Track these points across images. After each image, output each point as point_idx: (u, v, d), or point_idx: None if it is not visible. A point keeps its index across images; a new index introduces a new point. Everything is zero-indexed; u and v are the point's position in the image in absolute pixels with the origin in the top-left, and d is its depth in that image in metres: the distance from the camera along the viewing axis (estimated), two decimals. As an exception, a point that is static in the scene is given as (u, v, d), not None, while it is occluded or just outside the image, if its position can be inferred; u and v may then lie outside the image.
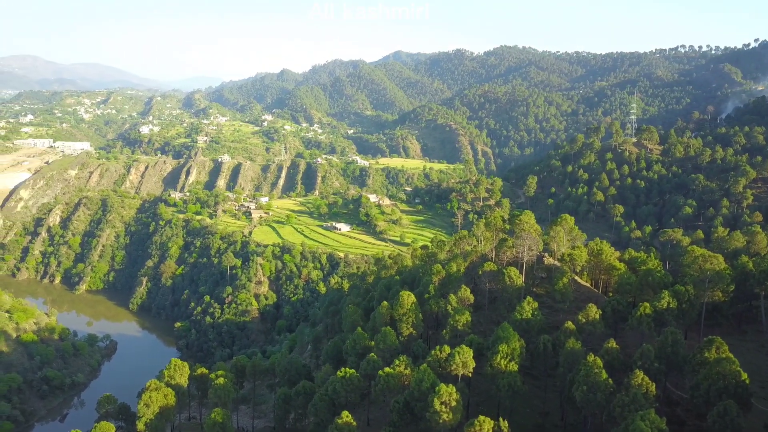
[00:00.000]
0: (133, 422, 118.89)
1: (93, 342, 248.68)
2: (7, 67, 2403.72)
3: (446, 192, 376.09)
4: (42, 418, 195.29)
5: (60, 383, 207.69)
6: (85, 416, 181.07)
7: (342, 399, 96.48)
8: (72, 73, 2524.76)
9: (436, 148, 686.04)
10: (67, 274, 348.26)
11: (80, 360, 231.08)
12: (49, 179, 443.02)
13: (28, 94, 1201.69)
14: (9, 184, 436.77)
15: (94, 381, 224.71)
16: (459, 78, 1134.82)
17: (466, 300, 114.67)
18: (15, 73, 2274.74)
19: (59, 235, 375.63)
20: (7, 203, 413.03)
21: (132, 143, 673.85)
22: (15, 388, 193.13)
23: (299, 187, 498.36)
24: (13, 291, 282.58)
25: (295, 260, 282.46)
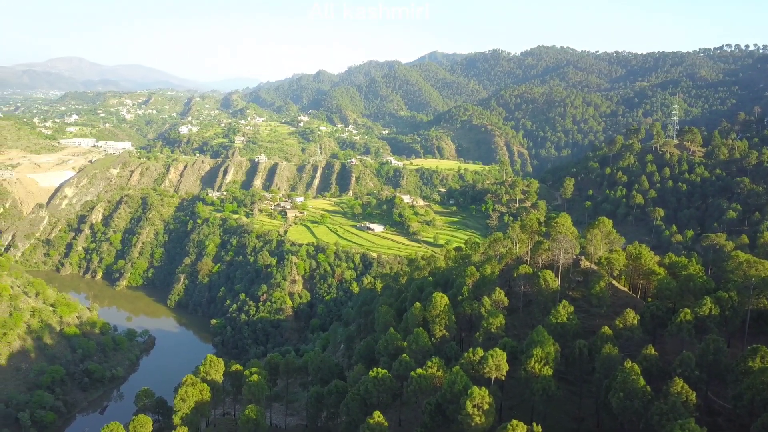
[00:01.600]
0: (169, 416, 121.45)
1: (132, 337, 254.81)
2: (55, 69, 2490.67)
3: (481, 193, 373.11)
4: (83, 409, 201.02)
5: (100, 376, 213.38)
6: (124, 409, 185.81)
7: (374, 399, 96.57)
8: (115, 74, 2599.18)
9: (471, 149, 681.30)
10: (108, 270, 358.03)
11: (120, 354, 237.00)
12: (92, 178, 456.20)
13: (73, 95, 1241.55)
14: (55, 182, 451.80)
15: (133, 375, 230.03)
16: (495, 78, 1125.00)
17: (500, 303, 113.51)
18: (62, 74, 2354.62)
19: (101, 232, 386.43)
20: (53, 200, 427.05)
21: (171, 143, 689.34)
22: (58, 379, 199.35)
23: (334, 187, 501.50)
24: (58, 285, 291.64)
25: (328, 260, 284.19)
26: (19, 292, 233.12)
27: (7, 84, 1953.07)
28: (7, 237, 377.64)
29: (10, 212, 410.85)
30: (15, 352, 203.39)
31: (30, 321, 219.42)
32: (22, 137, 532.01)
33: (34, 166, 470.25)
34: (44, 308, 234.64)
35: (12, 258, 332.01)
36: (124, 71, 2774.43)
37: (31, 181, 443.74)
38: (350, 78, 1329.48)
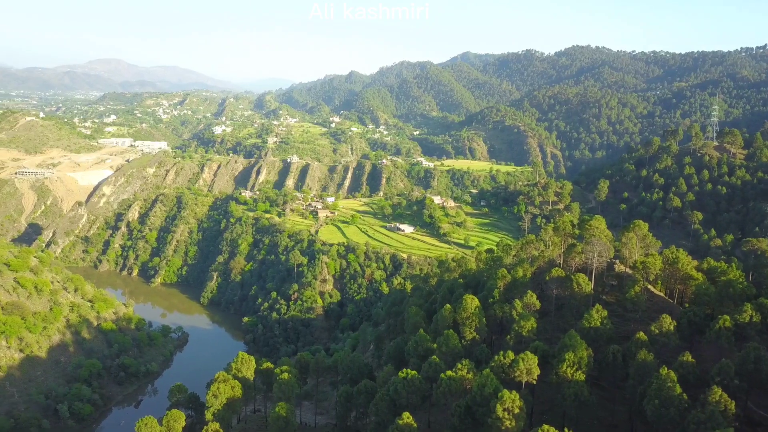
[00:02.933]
0: (201, 412, 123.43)
1: (166, 333, 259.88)
2: (94, 71, 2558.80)
3: (513, 195, 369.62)
4: (119, 402, 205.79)
5: (135, 371, 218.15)
6: (157, 403, 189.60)
7: (403, 400, 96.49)
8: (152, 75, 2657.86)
9: (504, 150, 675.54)
10: (144, 267, 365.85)
11: (154, 350, 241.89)
12: (129, 177, 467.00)
13: (111, 96, 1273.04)
14: (93, 180, 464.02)
15: (167, 370, 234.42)
16: (528, 79, 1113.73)
17: (532, 306, 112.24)
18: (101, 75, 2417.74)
19: (137, 230, 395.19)
20: (92, 199, 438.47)
21: (206, 143, 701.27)
22: (95, 373, 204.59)
23: (364, 187, 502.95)
24: (95, 281, 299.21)
25: (359, 260, 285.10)
26: (59, 288, 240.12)
27: (49, 85, 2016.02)
28: (48, 234, 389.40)
29: (51, 210, 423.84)
30: (55, 345, 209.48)
31: (69, 316, 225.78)
32: (63, 137, 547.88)
33: (74, 165, 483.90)
34: (82, 303, 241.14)
35: (52, 254, 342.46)
36: (160, 72, 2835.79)
37: (71, 179, 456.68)
38: (382, 79, 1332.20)
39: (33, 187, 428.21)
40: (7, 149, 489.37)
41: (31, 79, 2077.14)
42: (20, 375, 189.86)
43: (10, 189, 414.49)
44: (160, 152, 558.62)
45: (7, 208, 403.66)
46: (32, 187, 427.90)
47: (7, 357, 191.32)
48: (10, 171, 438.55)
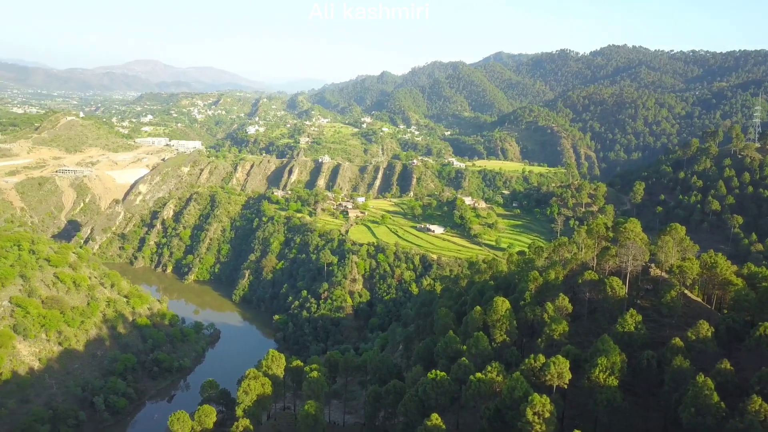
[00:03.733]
0: (232, 407, 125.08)
1: (199, 329, 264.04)
2: (132, 71, 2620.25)
3: (546, 196, 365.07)
4: (152, 397, 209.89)
5: (169, 366, 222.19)
6: (189, 398, 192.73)
7: (432, 401, 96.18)
8: (187, 76, 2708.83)
9: (536, 151, 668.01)
10: (178, 265, 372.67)
11: (187, 346, 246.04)
12: (164, 175, 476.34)
13: (148, 96, 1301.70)
14: (130, 178, 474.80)
15: (199, 366, 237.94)
16: (562, 79, 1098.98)
17: (564, 309, 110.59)
18: (138, 76, 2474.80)
19: (172, 228, 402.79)
20: (128, 197, 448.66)
21: (239, 143, 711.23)
22: (130, 367, 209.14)
23: (395, 188, 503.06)
24: (131, 278, 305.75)
25: (388, 260, 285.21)
26: (96, 283, 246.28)
27: (89, 86, 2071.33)
28: (86, 230, 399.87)
29: (89, 207, 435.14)
30: (91, 339, 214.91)
31: (105, 311, 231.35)
32: (101, 136, 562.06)
33: (112, 163, 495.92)
34: (118, 299, 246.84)
35: (90, 250, 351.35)
36: (195, 73, 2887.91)
37: (108, 177, 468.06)
38: (414, 79, 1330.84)
39: (73, 184, 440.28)
40: (49, 148, 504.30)
41: (72, 80, 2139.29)
42: (59, 367, 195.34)
43: (51, 187, 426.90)
44: (194, 152, 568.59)
45: (48, 205, 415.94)
46: (72, 184, 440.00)
47: (47, 350, 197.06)
48: (52, 169, 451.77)
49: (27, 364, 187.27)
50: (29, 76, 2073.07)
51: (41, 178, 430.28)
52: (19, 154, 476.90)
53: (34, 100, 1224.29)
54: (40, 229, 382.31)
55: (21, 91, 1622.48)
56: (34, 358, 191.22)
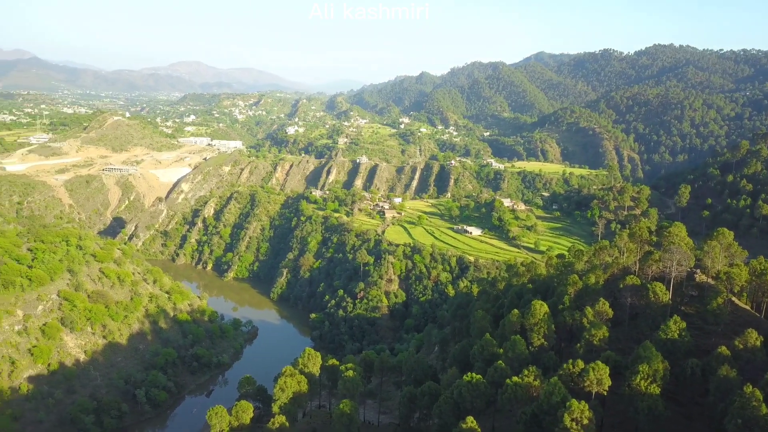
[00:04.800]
0: (268, 404, 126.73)
1: (237, 326, 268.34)
2: (176, 72, 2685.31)
3: (587, 199, 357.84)
4: (191, 391, 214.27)
5: (208, 361, 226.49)
6: (227, 394, 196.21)
7: (467, 404, 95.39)
8: (229, 77, 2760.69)
9: (578, 153, 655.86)
10: (218, 262, 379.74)
11: (225, 342, 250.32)
12: (206, 174, 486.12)
13: (191, 97, 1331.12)
14: (173, 177, 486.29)
15: (237, 362, 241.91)
16: (605, 79, 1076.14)
17: (604, 314, 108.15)
18: (182, 77, 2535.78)
19: (212, 226, 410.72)
20: (171, 195, 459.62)
21: (279, 143, 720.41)
22: (170, 361, 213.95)
23: (432, 188, 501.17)
24: (173, 274, 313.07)
25: (424, 261, 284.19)
26: (140, 279, 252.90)
27: (135, 86, 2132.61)
28: (130, 227, 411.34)
29: (134, 205, 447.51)
30: (134, 333, 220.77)
31: (148, 306, 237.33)
32: (146, 136, 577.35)
33: (156, 162, 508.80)
34: (160, 295, 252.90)
35: (134, 247, 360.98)
36: (237, 74, 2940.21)
37: (152, 176, 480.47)
38: (453, 79, 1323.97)
39: (118, 183, 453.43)
40: (96, 147, 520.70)
41: (119, 81, 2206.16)
42: (103, 360, 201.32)
43: (98, 184, 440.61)
44: (235, 151, 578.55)
45: (95, 203, 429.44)
46: (117, 182, 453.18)
47: (92, 342, 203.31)
48: (99, 167, 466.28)
49: (73, 356, 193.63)
50: (79, 78, 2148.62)
51: (89, 176, 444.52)
52: (69, 152, 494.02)
53: (83, 101, 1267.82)
54: (87, 226, 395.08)
55: (71, 91, 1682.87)
56: (80, 351, 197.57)
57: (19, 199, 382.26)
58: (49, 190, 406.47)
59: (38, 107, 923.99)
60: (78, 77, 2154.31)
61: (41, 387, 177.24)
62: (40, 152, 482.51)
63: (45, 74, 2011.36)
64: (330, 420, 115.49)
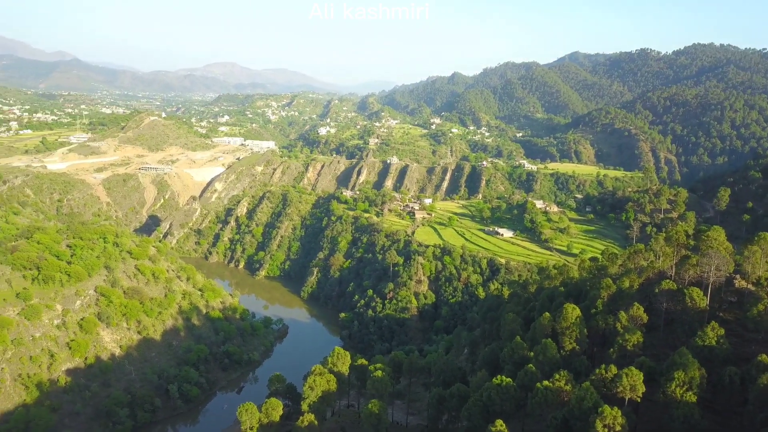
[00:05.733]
0: (298, 402, 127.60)
1: (268, 324, 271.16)
2: (211, 73, 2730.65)
3: (621, 201, 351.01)
4: (222, 387, 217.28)
5: (238, 358, 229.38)
6: (257, 391, 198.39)
7: (496, 407, 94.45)
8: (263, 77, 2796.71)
9: (612, 154, 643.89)
10: (250, 261, 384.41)
11: (256, 339, 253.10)
12: (239, 174, 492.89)
13: (225, 97, 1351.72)
14: (207, 176, 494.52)
15: (267, 360, 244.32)
16: (642, 80, 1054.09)
17: (639, 319, 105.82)
18: (217, 78, 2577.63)
19: (245, 225, 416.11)
20: (205, 194, 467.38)
21: (311, 143, 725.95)
22: (203, 358, 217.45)
23: (463, 189, 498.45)
24: (205, 272, 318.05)
25: (455, 262, 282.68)
26: (174, 276, 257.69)
27: (171, 87, 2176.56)
28: (165, 225, 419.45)
29: (168, 203, 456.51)
30: (168, 329, 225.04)
31: (181, 303, 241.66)
32: (181, 135, 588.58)
33: (190, 162, 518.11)
34: (193, 292, 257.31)
35: (168, 244, 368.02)
36: (270, 75, 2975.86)
37: (187, 175, 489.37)
38: (485, 80, 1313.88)
39: (154, 181, 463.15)
40: (133, 146, 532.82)
41: (155, 82, 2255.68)
42: (137, 355, 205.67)
43: (135, 183, 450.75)
44: (268, 151, 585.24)
45: (131, 201, 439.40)
46: (153, 181, 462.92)
47: (127, 338, 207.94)
48: (135, 166, 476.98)
49: (109, 350, 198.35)
50: (117, 79, 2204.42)
51: (126, 174, 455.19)
52: (107, 152, 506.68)
53: (121, 101, 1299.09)
54: (124, 223, 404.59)
55: (110, 92, 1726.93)
56: (116, 345, 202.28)
57: (59, 197, 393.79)
58: (88, 188, 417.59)
59: (78, 107, 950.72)
60: (116, 78, 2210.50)
61: (78, 380, 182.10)
62: (80, 151, 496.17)
63: (85, 75, 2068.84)
64: (358, 419, 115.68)
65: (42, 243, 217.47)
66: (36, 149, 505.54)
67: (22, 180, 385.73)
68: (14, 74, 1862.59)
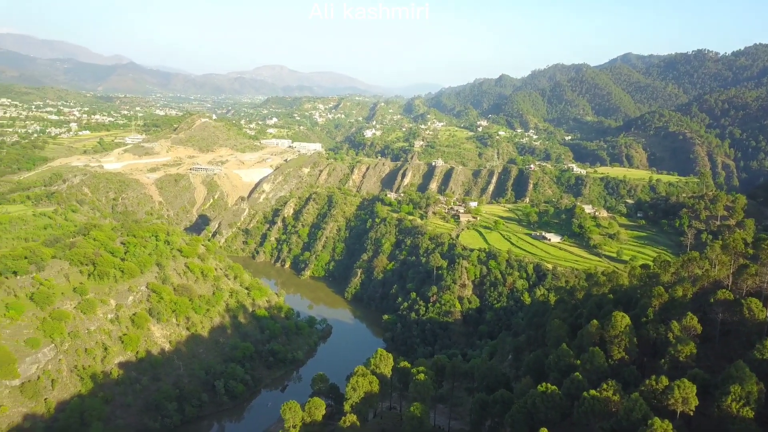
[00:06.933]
0: (340, 402, 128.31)
1: (312, 324, 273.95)
2: (260, 76, 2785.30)
3: (675, 207, 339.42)
4: (267, 385, 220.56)
5: (283, 357, 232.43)
6: (301, 390, 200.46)
7: (541, 415, 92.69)
8: (310, 80, 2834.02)
9: (666, 159, 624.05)
10: (295, 261, 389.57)
11: (300, 339, 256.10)
12: (286, 175, 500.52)
13: (274, 100, 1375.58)
14: (255, 177, 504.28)
15: (311, 359, 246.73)
16: (698, 81, 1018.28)
17: (692, 329, 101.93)
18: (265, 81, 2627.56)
19: (291, 225, 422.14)
20: (253, 194, 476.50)
21: (356, 145, 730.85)
22: (248, 355, 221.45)
23: (509, 193, 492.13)
24: (252, 271, 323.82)
25: (500, 267, 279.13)
26: (221, 274, 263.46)
27: (221, 90, 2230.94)
28: (214, 225, 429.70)
29: (218, 203, 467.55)
30: (215, 326, 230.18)
31: (228, 301, 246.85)
32: (230, 137, 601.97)
33: (239, 163, 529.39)
34: (240, 290, 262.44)
35: (217, 243, 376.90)
36: (318, 78, 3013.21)
37: (236, 176, 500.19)
38: (533, 82, 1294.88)
39: (204, 181, 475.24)
40: (185, 147, 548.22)
41: (207, 85, 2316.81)
42: (186, 351, 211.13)
43: (186, 183, 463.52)
44: (314, 153, 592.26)
45: (182, 200, 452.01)
46: (203, 181, 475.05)
47: (176, 333, 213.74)
48: (186, 167, 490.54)
49: (159, 346, 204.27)
50: (170, 81, 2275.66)
51: (177, 174, 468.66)
52: (160, 152, 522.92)
53: (173, 103, 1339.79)
54: (175, 222, 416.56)
55: (163, 94, 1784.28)
56: (166, 341, 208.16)
57: (114, 196, 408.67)
58: (141, 187, 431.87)
59: (133, 109, 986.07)
60: (170, 81, 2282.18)
61: (130, 373, 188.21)
62: (134, 152, 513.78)
63: (140, 78, 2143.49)
64: (400, 422, 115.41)
65: (98, 240, 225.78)
66: (94, 149, 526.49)
67: (80, 179, 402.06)
68: (75, 77, 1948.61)
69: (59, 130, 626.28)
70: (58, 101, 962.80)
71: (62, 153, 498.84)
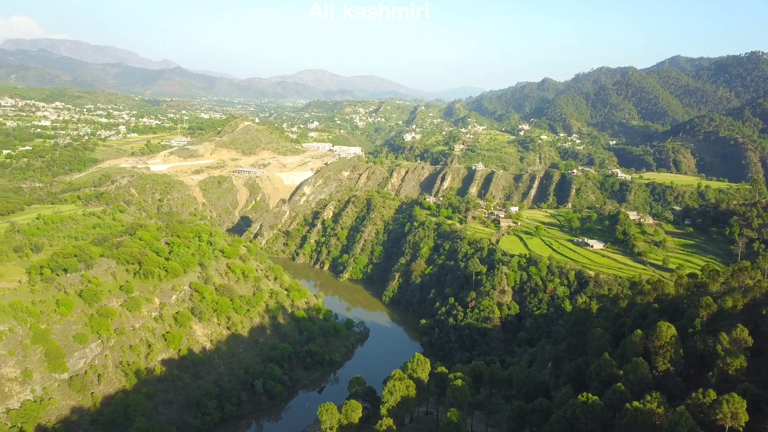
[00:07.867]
0: (377, 405, 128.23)
1: (350, 326, 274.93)
2: (302, 80, 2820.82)
3: (725, 215, 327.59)
4: (304, 386, 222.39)
5: (320, 359, 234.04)
6: (338, 391, 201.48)
7: (581, 425, 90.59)
8: (351, 84, 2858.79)
9: (716, 164, 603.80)
10: (334, 263, 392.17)
11: (338, 341, 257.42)
12: (326, 178, 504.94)
13: (315, 104, 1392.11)
14: (296, 180, 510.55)
15: (348, 361, 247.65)
16: (752, 85, 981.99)
17: (742, 342, 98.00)
18: (307, 85, 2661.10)
19: (331, 228, 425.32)
20: (293, 197, 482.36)
21: (396, 149, 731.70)
22: (286, 356, 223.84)
23: (551, 198, 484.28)
24: (292, 272, 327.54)
25: (541, 273, 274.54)
26: (262, 275, 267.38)
27: (264, 93, 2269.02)
28: (255, 226, 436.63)
29: (259, 205, 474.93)
30: (255, 326, 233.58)
31: (268, 301, 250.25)
32: (273, 140, 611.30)
33: (281, 165, 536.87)
34: (280, 291, 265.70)
35: (258, 245, 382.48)
36: (359, 81, 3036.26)
37: (277, 178, 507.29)
38: (577, 85, 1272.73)
39: (246, 184, 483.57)
40: (228, 150, 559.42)
41: (250, 88, 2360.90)
42: (226, 350, 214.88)
43: (228, 185, 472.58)
44: (354, 157, 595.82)
45: (225, 202, 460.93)
46: (246, 184, 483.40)
47: (217, 333, 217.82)
48: (229, 169, 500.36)
49: (200, 344, 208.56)
50: (215, 85, 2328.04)
51: (220, 177, 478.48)
52: (204, 155, 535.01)
53: (218, 107, 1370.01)
54: (217, 223, 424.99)
55: (208, 98, 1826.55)
56: (207, 339, 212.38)
57: (160, 197, 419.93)
58: (186, 189, 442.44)
59: (179, 113, 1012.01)
60: (214, 85, 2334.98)
61: (172, 370, 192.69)
62: (180, 154, 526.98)
63: (186, 82, 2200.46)
64: (437, 427, 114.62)
65: (143, 240, 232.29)
66: (141, 151, 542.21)
67: (128, 180, 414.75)
68: (124, 81, 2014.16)
69: (109, 133, 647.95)
70: (108, 105, 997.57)
71: (111, 155, 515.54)
